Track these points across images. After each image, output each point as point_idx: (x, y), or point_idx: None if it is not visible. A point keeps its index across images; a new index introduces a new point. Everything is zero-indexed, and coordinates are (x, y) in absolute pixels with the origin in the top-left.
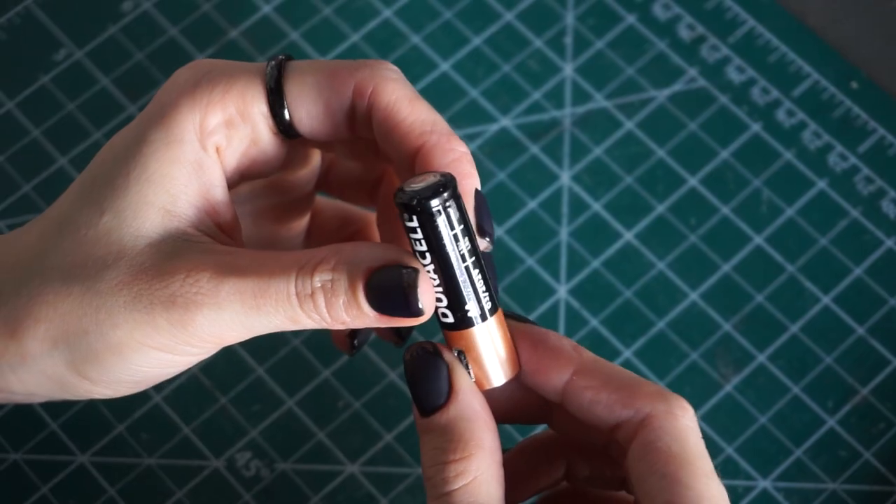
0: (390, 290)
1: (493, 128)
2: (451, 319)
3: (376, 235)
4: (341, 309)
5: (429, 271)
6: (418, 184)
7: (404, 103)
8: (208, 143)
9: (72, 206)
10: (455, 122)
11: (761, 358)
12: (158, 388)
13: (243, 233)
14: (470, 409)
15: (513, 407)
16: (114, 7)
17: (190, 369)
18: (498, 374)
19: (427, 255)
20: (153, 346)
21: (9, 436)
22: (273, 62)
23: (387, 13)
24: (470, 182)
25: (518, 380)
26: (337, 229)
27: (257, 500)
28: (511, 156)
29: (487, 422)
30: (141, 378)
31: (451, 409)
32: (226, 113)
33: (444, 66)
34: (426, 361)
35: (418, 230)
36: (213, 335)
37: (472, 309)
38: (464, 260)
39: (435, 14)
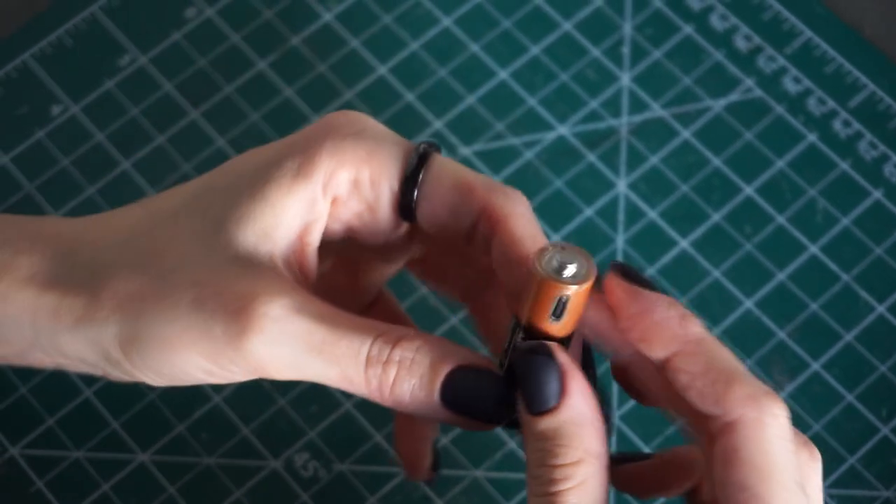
0: (476, 394)
1: (550, 136)
2: None
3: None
4: (407, 390)
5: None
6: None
7: (527, 241)
8: (329, 189)
9: (174, 201)
10: (513, 129)
11: (816, 366)
12: (218, 389)
13: (320, 269)
14: (581, 415)
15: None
16: (178, 13)
17: None
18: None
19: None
20: (198, 353)
21: (71, 434)
22: (421, 147)
23: (446, 21)
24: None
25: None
26: (394, 317)
27: (315, 500)
28: (568, 163)
29: (597, 426)
30: (177, 377)
31: (562, 414)
32: (359, 174)
33: (503, 75)
34: (540, 362)
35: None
36: (259, 363)
37: None
38: None
39: (494, 23)
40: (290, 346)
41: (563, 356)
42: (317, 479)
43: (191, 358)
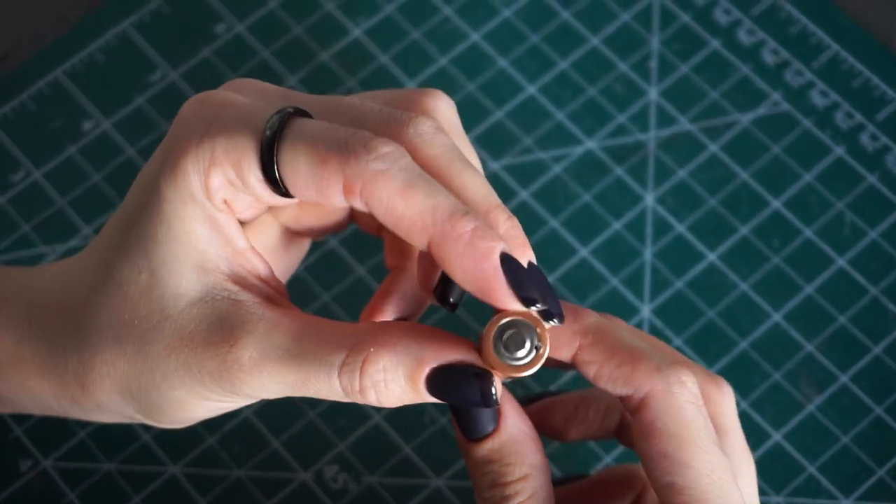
0: (460, 385)
1: (578, 150)
2: None
3: None
4: (395, 398)
5: None
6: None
7: (396, 199)
8: (215, 199)
9: (110, 257)
10: (541, 144)
11: (844, 378)
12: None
13: (289, 216)
14: (520, 432)
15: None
16: (208, 29)
17: None
18: None
19: None
20: (211, 400)
21: (103, 446)
22: (268, 131)
23: (475, 37)
24: (489, 263)
25: None
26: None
27: None
28: (596, 177)
29: (535, 439)
30: (205, 416)
31: (503, 434)
32: (226, 175)
33: (531, 90)
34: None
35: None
36: (262, 396)
37: None
38: None
39: (522, 38)
40: (272, 388)
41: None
42: (346, 491)
43: (208, 405)
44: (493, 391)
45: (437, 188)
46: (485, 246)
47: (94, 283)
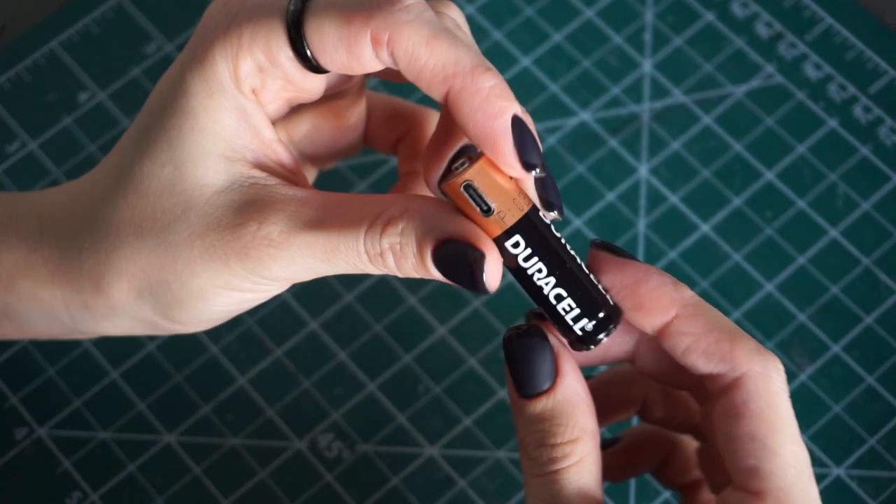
0: (457, 265)
1: (572, 122)
2: None
3: (427, 135)
4: (410, 268)
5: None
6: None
7: (421, 48)
8: (244, 87)
9: (129, 157)
10: (535, 116)
11: (836, 348)
12: (243, 370)
13: (304, 134)
14: (575, 394)
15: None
16: (203, 1)
17: (275, 353)
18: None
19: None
20: (232, 289)
21: (98, 415)
22: (293, 6)
23: (469, 10)
24: (501, 120)
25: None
26: (388, 128)
27: (338, 480)
28: (590, 149)
29: (590, 405)
30: (223, 313)
31: (558, 394)
32: (255, 60)
33: (526, 62)
34: (533, 345)
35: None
36: (286, 278)
37: None
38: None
39: (516, 11)
40: (301, 262)
41: (554, 338)
42: (341, 459)
43: (229, 295)
44: (484, 277)
45: (461, 42)
46: (500, 105)
47: (111, 184)
